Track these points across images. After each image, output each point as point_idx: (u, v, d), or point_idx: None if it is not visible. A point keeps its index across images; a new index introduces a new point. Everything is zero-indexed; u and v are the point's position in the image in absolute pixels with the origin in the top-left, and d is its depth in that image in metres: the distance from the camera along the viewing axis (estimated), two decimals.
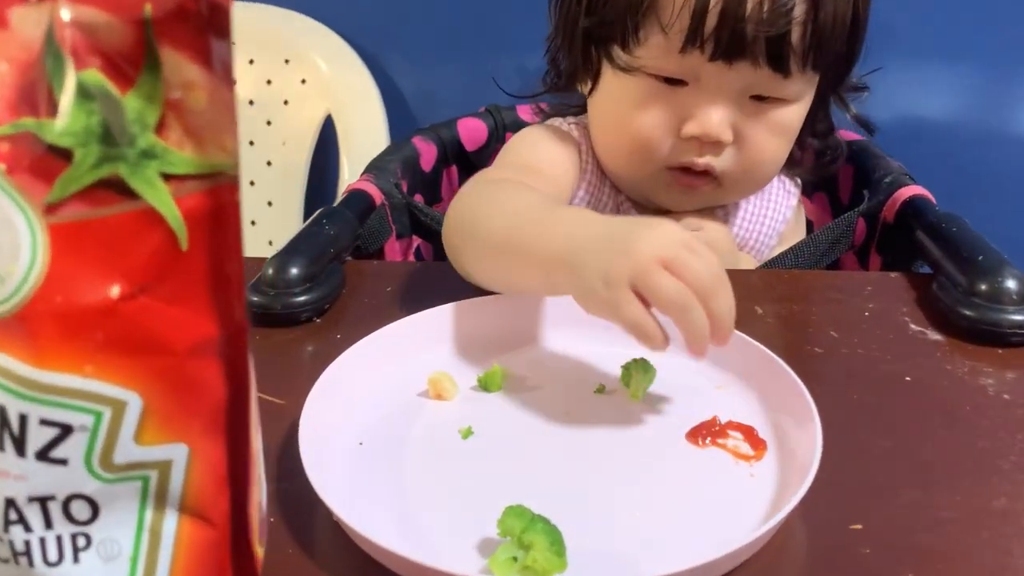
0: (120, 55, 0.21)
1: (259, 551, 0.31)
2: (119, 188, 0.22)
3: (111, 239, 0.23)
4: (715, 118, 0.64)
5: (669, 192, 0.70)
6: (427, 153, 0.84)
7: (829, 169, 0.79)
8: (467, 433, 0.47)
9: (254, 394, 0.28)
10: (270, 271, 0.59)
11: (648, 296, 0.45)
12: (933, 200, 0.70)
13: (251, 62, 1.38)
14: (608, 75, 0.68)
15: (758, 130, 0.66)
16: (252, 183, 1.39)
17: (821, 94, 0.69)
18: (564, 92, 0.76)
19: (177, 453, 0.26)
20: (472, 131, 0.88)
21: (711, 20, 0.61)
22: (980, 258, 0.59)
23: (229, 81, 0.23)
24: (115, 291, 0.23)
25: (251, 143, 1.39)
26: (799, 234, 0.79)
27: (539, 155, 0.72)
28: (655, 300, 0.45)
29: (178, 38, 0.21)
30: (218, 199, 0.23)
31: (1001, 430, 0.49)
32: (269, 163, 1.39)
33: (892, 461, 0.47)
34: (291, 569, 0.40)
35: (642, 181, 0.70)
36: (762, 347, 0.51)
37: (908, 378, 0.54)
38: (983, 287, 0.57)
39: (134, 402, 0.25)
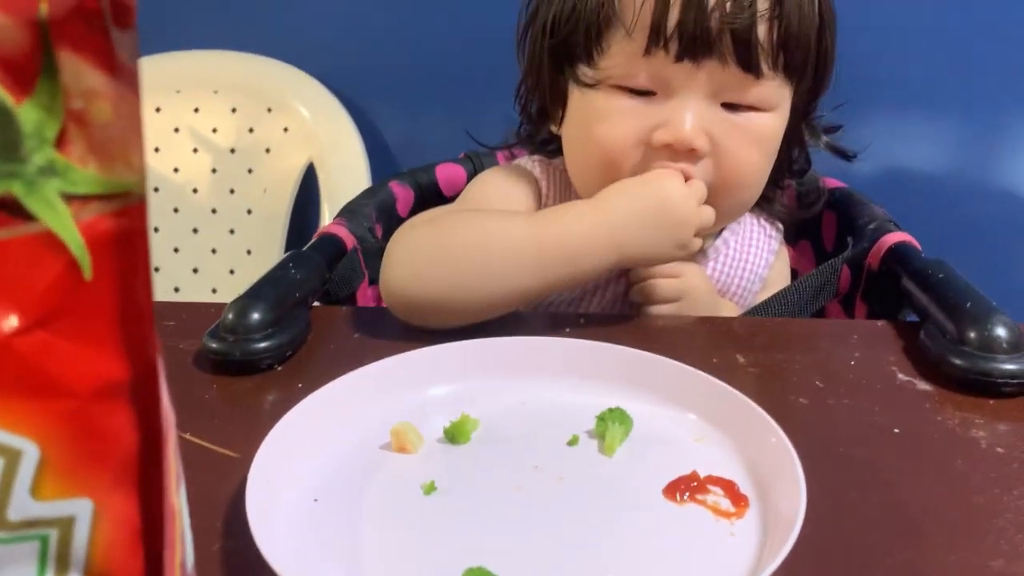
0: (13, 60, 0.19)
1: None
2: (13, 209, 0.20)
3: (3, 266, 0.20)
4: (687, 123, 0.62)
5: None
6: (404, 198, 0.82)
7: (811, 210, 0.78)
8: (429, 489, 0.44)
9: (173, 442, 0.25)
10: (230, 316, 0.56)
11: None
12: (919, 247, 0.69)
13: (233, 110, 1.37)
14: (575, 97, 0.67)
15: (734, 139, 0.64)
16: (232, 231, 1.38)
17: (795, 120, 0.68)
18: (534, 140, 0.75)
19: (81, 509, 0.23)
20: (450, 176, 0.86)
21: (673, 15, 0.60)
22: (968, 304, 0.57)
23: (135, 90, 0.21)
24: (8, 325, 0.21)
25: (232, 191, 1.38)
26: (784, 280, 0.77)
27: (489, 193, 0.71)
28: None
29: (79, 41, 0.19)
30: (125, 222, 0.21)
31: (995, 486, 0.47)
32: (249, 211, 1.37)
33: (881, 518, 0.44)
34: None
35: None
36: (743, 397, 0.48)
37: (897, 430, 0.51)
38: (972, 335, 0.55)
39: (30, 451, 0.22)
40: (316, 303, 0.65)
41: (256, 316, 0.56)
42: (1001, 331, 0.55)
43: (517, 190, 0.71)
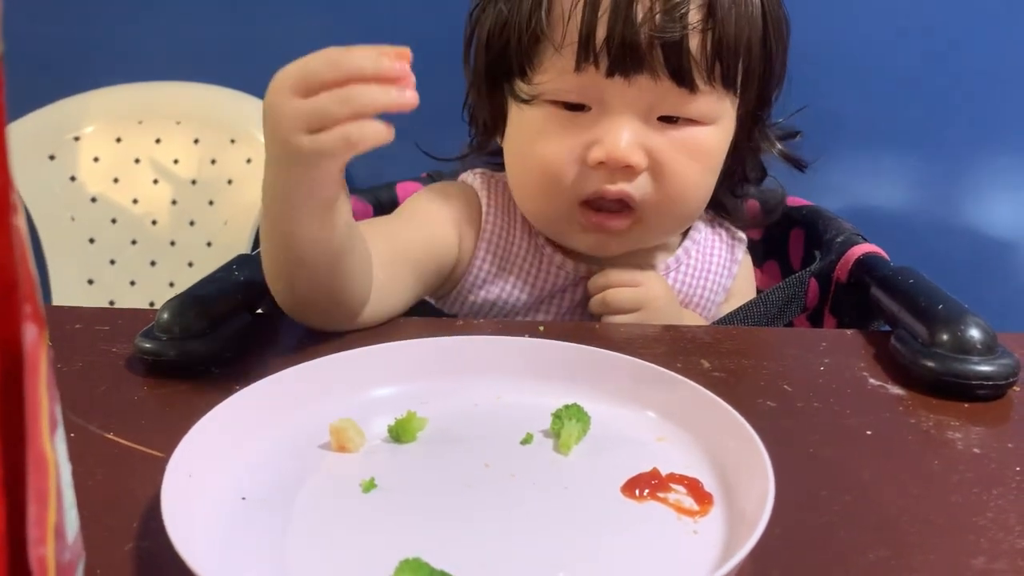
0: None
1: None
2: None
3: None
4: (623, 140, 0.60)
5: (585, 235, 0.65)
6: (362, 213, 0.80)
7: (771, 217, 0.76)
8: (369, 486, 0.41)
9: (43, 382, 0.22)
10: (165, 315, 0.53)
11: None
12: (887, 257, 0.67)
13: (196, 141, 1.35)
14: (514, 111, 0.65)
15: (672, 153, 0.61)
16: (191, 264, 1.34)
17: (746, 127, 0.66)
18: (484, 150, 0.73)
19: None
20: (410, 194, 0.84)
21: (601, 30, 0.58)
22: (940, 307, 0.55)
23: None
24: None
25: (192, 223, 1.35)
26: (749, 290, 0.75)
27: (414, 207, 0.70)
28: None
29: None
30: None
31: (975, 485, 0.44)
32: (209, 244, 1.34)
33: (855, 518, 0.41)
34: None
35: (556, 221, 0.66)
36: (709, 393, 0.46)
37: (869, 432, 0.49)
38: (945, 337, 0.53)
39: None
40: (261, 311, 0.61)
41: (193, 316, 0.53)
42: (975, 332, 0.53)
43: (446, 206, 0.69)
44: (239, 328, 0.55)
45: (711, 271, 0.72)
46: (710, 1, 0.59)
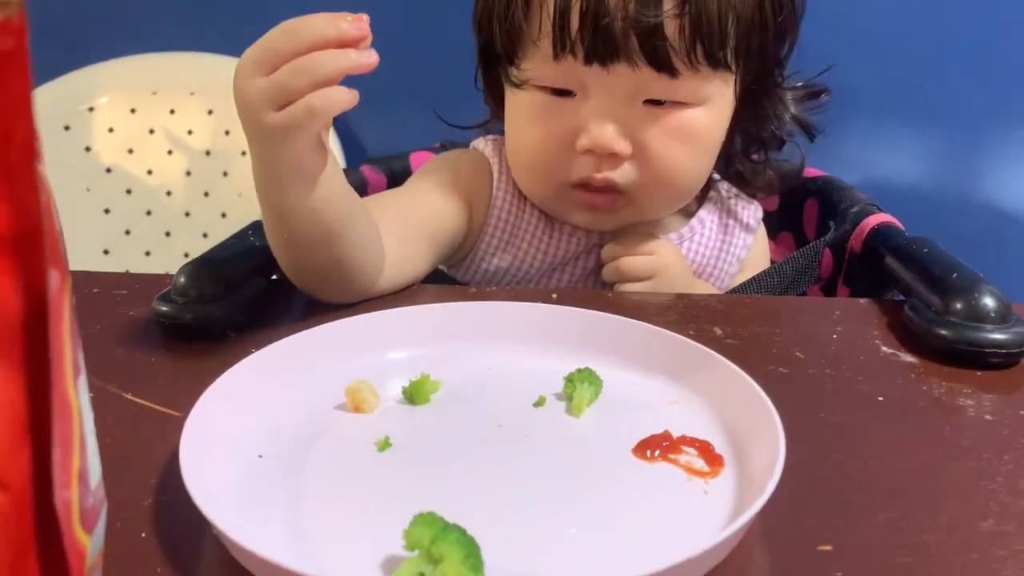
0: None
1: (83, 539, 0.25)
2: None
3: None
4: (607, 129, 0.60)
5: (579, 212, 0.66)
6: (376, 183, 0.80)
7: (786, 183, 0.74)
8: (384, 445, 0.42)
9: (67, 326, 0.22)
10: (181, 279, 0.53)
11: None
12: (902, 228, 0.67)
13: (210, 112, 1.35)
14: (508, 94, 0.66)
15: (658, 138, 0.61)
16: (205, 235, 1.35)
17: (752, 98, 0.65)
18: (499, 119, 0.73)
19: None
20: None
21: (574, 20, 0.58)
22: (955, 275, 0.55)
23: None
24: None
25: (206, 194, 1.36)
26: (763, 261, 0.75)
27: (422, 175, 0.69)
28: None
29: None
30: (5, 42, 0.18)
31: (985, 451, 0.44)
32: (224, 215, 1.34)
33: (865, 481, 0.41)
34: None
35: (549, 200, 0.67)
36: (721, 358, 0.46)
37: (880, 398, 0.49)
38: (959, 305, 0.53)
39: None
40: (275, 277, 0.62)
41: (209, 279, 0.53)
42: (989, 301, 0.53)
43: (456, 175, 0.68)
44: (254, 293, 0.56)
45: (725, 241, 0.71)
46: None
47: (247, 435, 0.41)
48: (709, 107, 0.62)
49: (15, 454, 0.22)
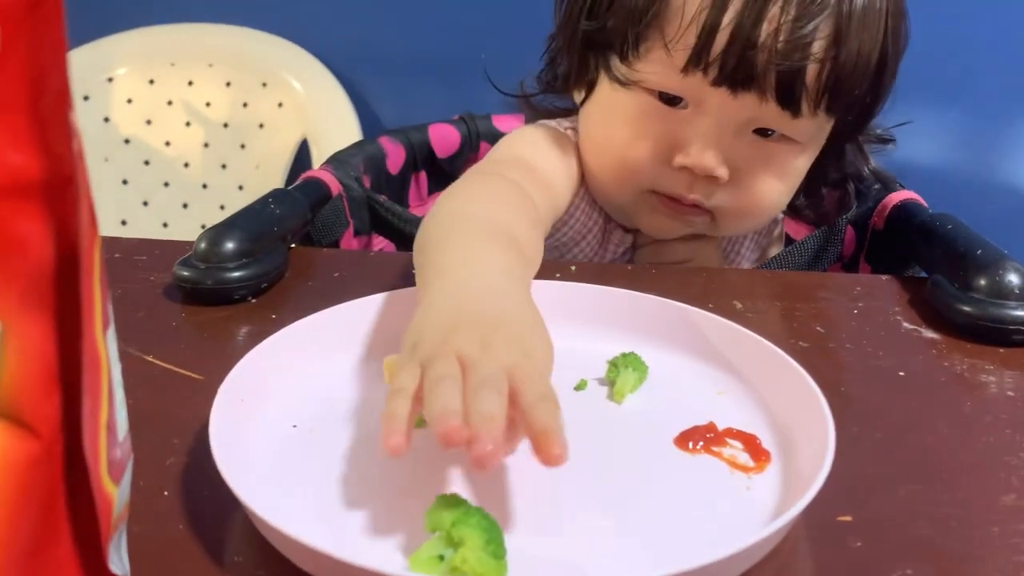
0: None
1: (111, 490, 0.25)
2: None
3: None
4: (711, 151, 0.58)
5: (653, 216, 0.63)
6: (394, 155, 0.80)
7: (843, 211, 0.72)
8: (419, 423, 0.41)
9: (98, 275, 0.22)
10: (202, 244, 0.53)
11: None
12: (925, 204, 0.66)
13: (228, 84, 1.35)
14: (604, 86, 0.62)
15: (758, 170, 0.60)
16: (222, 207, 1.35)
17: (836, 141, 0.63)
18: (560, 94, 0.70)
19: None
20: (444, 137, 0.84)
21: (720, 41, 0.55)
22: (979, 252, 0.54)
23: None
24: None
25: (224, 167, 1.36)
26: (780, 241, 0.74)
27: (536, 154, 0.65)
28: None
29: None
30: None
31: (1007, 426, 0.44)
32: (241, 187, 1.35)
33: (885, 455, 0.41)
34: (180, 546, 0.34)
35: (626, 203, 0.64)
36: (776, 349, 0.44)
37: (902, 373, 0.49)
38: (982, 282, 0.52)
39: None
40: (294, 244, 0.62)
41: (230, 245, 0.53)
42: (1013, 277, 0.52)
43: (560, 159, 0.65)
44: (274, 259, 0.56)
45: (751, 235, 0.71)
46: (837, 27, 0.55)
47: (282, 404, 0.41)
48: (808, 147, 0.61)
49: (46, 401, 0.22)
